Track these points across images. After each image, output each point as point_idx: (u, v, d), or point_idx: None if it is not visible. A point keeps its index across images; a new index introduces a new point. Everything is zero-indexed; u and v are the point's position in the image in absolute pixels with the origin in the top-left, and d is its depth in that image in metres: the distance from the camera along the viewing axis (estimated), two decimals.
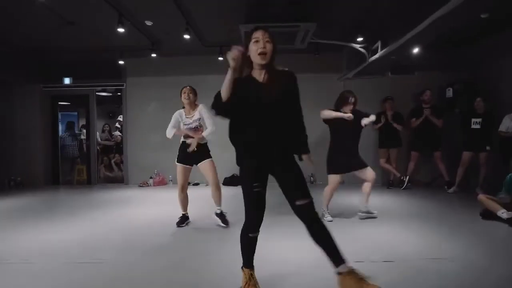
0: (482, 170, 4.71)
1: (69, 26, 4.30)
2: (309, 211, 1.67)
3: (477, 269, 2.14)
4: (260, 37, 1.64)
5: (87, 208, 4.17)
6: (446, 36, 4.61)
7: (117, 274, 2.16)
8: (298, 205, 1.67)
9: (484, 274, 2.06)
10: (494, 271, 2.09)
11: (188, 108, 3.26)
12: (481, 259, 2.28)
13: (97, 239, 2.90)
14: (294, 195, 1.69)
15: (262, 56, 1.64)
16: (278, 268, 2.17)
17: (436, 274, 2.07)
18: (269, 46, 1.65)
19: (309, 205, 1.67)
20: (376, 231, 3.01)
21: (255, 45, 1.65)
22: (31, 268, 2.27)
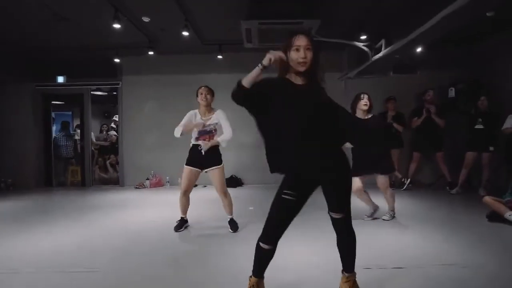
0: (485, 171, 4.65)
1: (63, 23, 4.14)
2: (342, 225, 1.69)
3: (489, 274, 2.05)
4: (301, 45, 1.57)
5: (82, 211, 4.02)
6: (449, 35, 4.54)
7: (110, 284, 2.02)
8: (333, 217, 1.69)
9: (496, 279, 1.98)
10: (506, 276, 2.01)
11: (203, 110, 3.08)
12: (492, 264, 2.20)
13: (92, 244, 2.76)
14: (331, 207, 1.68)
15: (302, 65, 1.58)
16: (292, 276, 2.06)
17: (448, 282, 1.97)
18: (309, 54, 1.58)
19: (342, 219, 1.67)
20: (382, 234, 2.92)
21: (296, 53, 1.58)
22: (18, 279, 2.13)
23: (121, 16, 3.67)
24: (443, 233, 2.91)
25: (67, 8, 3.78)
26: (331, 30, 4.43)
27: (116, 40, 4.80)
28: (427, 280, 2.00)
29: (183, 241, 2.88)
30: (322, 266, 2.20)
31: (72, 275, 2.15)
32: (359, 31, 4.41)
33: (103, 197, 4.98)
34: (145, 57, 5.31)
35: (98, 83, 6.14)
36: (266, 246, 1.62)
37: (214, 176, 3.05)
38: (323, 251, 2.45)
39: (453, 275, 2.05)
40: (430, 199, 4.42)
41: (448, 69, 5.40)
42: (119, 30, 3.89)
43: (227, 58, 5.30)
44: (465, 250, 2.48)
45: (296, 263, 2.27)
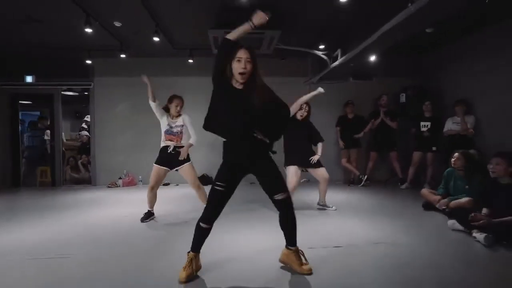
0: (429, 168, 5.23)
1: (35, 24, 4.22)
2: (286, 204, 2.01)
3: (410, 251, 2.47)
4: (242, 56, 1.84)
5: (52, 210, 4.09)
6: (399, 46, 5.08)
7: (84, 267, 2.24)
8: (276, 199, 1.98)
9: (415, 255, 2.39)
10: (425, 254, 2.43)
11: (172, 115, 3.42)
12: (414, 243, 2.63)
13: (63, 237, 2.91)
14: (271, 191, 1.99)
15: (241, 76, 1.85)
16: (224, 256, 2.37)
17: (375, 256, 2.37)
18: (249, 66, 1.85)
19: (284, 200, 1.99)
20: (331, 222, 3.31)
21: (237, 63, 1.84)
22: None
23: (92, 20, 3.83)
24: (382, 220, 3.35)
25: (39, 11, 3.87)
26: (294, 39, 4.82)
27: (88, 42, 4.90)
28: (360, 255, 2.39)
29: (151, 230, 3.11)
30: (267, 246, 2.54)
31: (45, 261, 2.33)
32: (318, 40, 4.84)
33: (74, 196, 5.03)
34: (117, 60, 5.43)
35: (69, 84, 6.15)
36: (205, 225, 1.99)
37: (185, 172, 3.35)
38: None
39: (381, 251, 2.46)
40: (382, 194, 4.91)
41: (400, 76, 6.00)
42: (91, 34, 4.03)
43: (198, 62, 5.55)
44: (396, 232, 2.91)
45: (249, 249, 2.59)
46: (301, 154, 3.64)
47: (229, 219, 3.08)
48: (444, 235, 2.85)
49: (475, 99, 4.79)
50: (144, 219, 3.35)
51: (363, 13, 3.85)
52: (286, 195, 2.00)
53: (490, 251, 2.43)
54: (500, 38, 4.36)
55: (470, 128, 4.60)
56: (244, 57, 1.84)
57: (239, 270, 2.14)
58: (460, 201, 3.35)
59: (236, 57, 1.85)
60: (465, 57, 5.04)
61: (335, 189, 5.15)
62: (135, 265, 2.27)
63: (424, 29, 4.28)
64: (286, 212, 2.02)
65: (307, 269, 2.03)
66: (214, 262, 2.23)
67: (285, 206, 2.01)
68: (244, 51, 1.85)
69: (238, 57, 1.84)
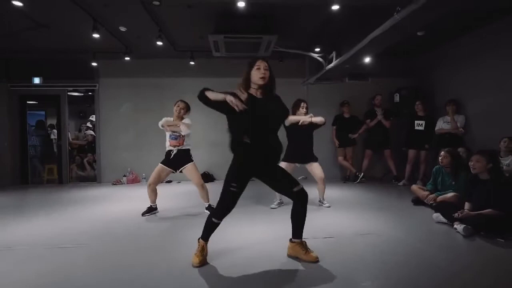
0: (422, 166, 5.43)
1: (42, 29, 4.44)
2: (304, 194, 2.22)
3: (396, 241, 2.68)
4: (261, 65, 2.13)
5: (61, 205, 4.32)
6: (393, 48, 5.27)
7: (98, 254, 2.47)
8: (296, 191, 2.20)
9: (400, 244, 2.61)
10: (409, 243, 2.65)
11: (176, 118, 3.57)
12: (401, 234, 2.85)
13: (74, 229, 3.14)
14: (289, 185, 2.22)
15: (262, 79, 2.11)
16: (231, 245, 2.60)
17: (364, 245, 2.59)
18: (267, 73, 2.14)
19: (302, 189, 2.23)
20: (324, 215, 3.53)
21: (257, 71, 2.12)
22: (13, 254, 2.51)
23: (99, 26, 4.04)
24: (371, 213, 3.57)
25: (47, 17, 4.09)
26: (291, 42, 5.03)
27: (93, 45, 5.12)
28: (349, 245, 2.60)
29: (152, 225, 3.34)
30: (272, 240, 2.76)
31: (61, 250, 2.56)
32: (314, 43, 5.04)
33: (81, 193, 5.27)
34: (121, 62, 5.65)
35: (75, 85, 6.38)
36: (217, 221, 2.23)
37: (188, 172, 3.55)
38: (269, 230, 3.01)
39: (369, 241, 2.67)
40: (376, 190, 5.11)
41: (394, 77, 6.19)
42: (97, 39, 4.25)
43: (199, 64, 5.77)
44: (384, 224, 3.13)
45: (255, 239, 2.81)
46: (294, 150, 3.76)
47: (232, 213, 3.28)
48: (429, 227, 3.07)
49: (466, 98, 4.98)
50: (145, 213, 3.55)
51: (355, 19, 4.05)
52: (301, 186, 2.23)
53: (468, 240, 2.65)
54: (489, 38, 4.54)
55: (460, 127, 4.79)
56: (262, 65, 2.13)
57: (245, 258, 2.36)
58: (446, 196, 3.55)
59: (255, 66, 2.13)
60: (455, 57, 5.22)
61: (331, 186, 5.35)
62: (146, 254, 2.50)
63: (414, 33, 4.47)
64: (303, 202, 2.22)
65: (314, 256, 2.23)
66: (221, 251, 2.45)
67: (303, 196, 2.22)
68: (261, 61, 2.15)
69: (257, 65, 2.13)
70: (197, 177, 3.54)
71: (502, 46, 4.34)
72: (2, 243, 2.75)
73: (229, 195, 2.16)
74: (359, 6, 3.71)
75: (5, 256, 2.48)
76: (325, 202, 3.99)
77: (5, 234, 3.02)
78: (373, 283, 1.98)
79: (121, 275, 2.12)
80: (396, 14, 2.81)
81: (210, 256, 2.31)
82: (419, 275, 2.06)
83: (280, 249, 2.45)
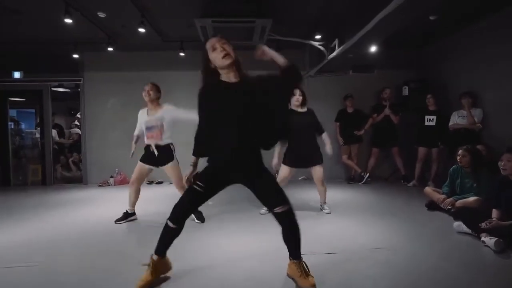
0: (434, 165, 4.96)
1: (15, 16, 4.01)
2: (288, 216, 1.78)
3: (411, 256, 2.24)
4: (216, 43, 1.73)
5: (40, 210, 3.91)
6: (401, 38, 4.81)
7: (49, 277, 2.03)
8: (276, 212, 1.77)
9: (416, 261, 2.16)
10: (426, 259, 2.20)
11: (150, 106, 3.18)
12: (416, 249, 2.39)
13: (41, 240, 2.72)
14: (270, 204, 1.81)
15: (227, 57, 1.71)
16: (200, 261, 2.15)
17: (373, 262, 2.14)
18: (227, 46, 1.73)
19: (288, 211, 1.78)
20: (325, 224, 3.08)
21: (215, 52, 1.72)
22: None
23: (72, 10, 3.60)
24: (381, 221, 3.10)
25: (17, 1, 3.66)
26: (288, 29, 4.57)
27: (73, 35, 4.69)
28: (356, 262, 2.16)
29: (131, 230, 2.91)
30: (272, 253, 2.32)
31: (11, 270, 2.13)
32: (314, 30, 4.57)
33: (65, 195, 4.86)
34: (106, 54, 5.21)
35: (58, 79, 5.96)
36: (173, 225, 1.81)
37: (168, 171, 3.15)
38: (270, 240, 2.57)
39: (380, 258, 2.22)
40: (384, 192, 4.65)
41: (402, 69, 5.71)
42: (72, 25, 3.81)
43: (189, 55, 5.31)
44: (397, 236, 2.67)
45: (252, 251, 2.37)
46: (299, 152, 3.34)
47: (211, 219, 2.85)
48: (450, 239, 2.61)
49: (483, 90, 4.50)
50: (120, 219, 3.16)
51: (358, 2, 3.58)
52: (286, 207, 1.78)
53: (500, 257, 2.19)
54: (509, 23, 4.05)
55: (477, 122, 4.32)
56: (216, 42, 1.74)
57: (221, 279, 1.92)
58: (467, 200, 3.10)
59: (210, 48, 1.75)
60: (469, 46, 4.73)
61: (334, 187, 4.91)
62: (104, 266, 2.06)
63: (425, 16, 4.00)
64: (288, 226, 1.82)
65: (311, 283, 1.80)
66: (190, 269, 2.01)
67: (287, 219, 1.80)
68: (213, 39, 1.77)
69: (211, 46, 1.75)
70: (178, 178, 3.10)
71: None
72: None
73: (189, 194, 1.82)
74: None
75: None
76: (326, 207, 3.53)
77: None
78: None
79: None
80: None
81: (175, 275, 1.88)
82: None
83: (267, 268, 2.02)
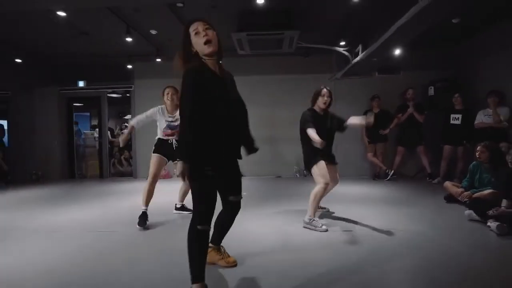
0: (460, 163, 5.07)
1: (83, 35, 4.87)
2: (239, 206, 1.89)
3: (422, 237, 2.57)
4: (198, 27, 1.57)
5: (100, 196, 4.75)
6: (429, 38, 4.99)
7: (126, 240, 2.69)
8: (232, 200, 1.83)
9: (430, 240, 2.51)
10: (434, 238, 2.53)
11: (170, 109, 3.26)
12: (427, 230, 2.72)
13: (113, 216, 3.47)
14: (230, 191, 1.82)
15: (209, 45, 1.56)
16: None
17: (394, 241, 2.51)
18: (211, 32, 1.58)
19: (239, 202, 1.88)
20: (349, 210, 3.43)
21: (197, 36, 1.57)
22: (58, 235, 2.83)
23: (132, 30, 4.34)
24: (403, 211, 3.42)
25: (87, 25, 4.48)
26: (315, 37, 4.98)
27: (128, 49, 5.51)
28: (371, 238, 2.55)
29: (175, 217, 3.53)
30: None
31: (99, 234, 2.84)
32: (339, 37, 4.93)
33: (118, 187, 5.70)
34: (153, 63, 5.99)
35: (113, 87, 6.89)
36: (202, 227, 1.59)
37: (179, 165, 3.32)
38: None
39: (398, 237, 2.58)
40: (408, 188, 4.87)
41: (429, 69, 5.84)
42: (131, 42, 4.57)
43: (225, 62, 5.89)
44: (414, 221, 3.00)
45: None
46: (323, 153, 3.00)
47: None
48: (460, 224, 2.88)
49: (510, 89, 4.56)
50: (142, 224, 2.97)
51: (380, 9, 3.90)
52: (240, 198, 1.86)
53: (502, 239, 2.45)
54: None
55: (504, 121, 4.40)
56: (199, 26, 1.59)
57: None
58: (482, 193, 3.30)
59: (192, 32, 1.59)
60: (496, 46, 4.80)
61: (360, 183, 5.22)
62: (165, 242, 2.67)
63: (448, 20, 4.20)
64: (234, 214, 1.91)
65: (232, 261, 2.01)
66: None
67: (237, 208, 1.88)
68: (196, 23, 1.60)
69: (193, 30, 1.59)
70: None
71: None
72: (51, 226, 3.12)
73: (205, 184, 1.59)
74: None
75: (51, 236, 2.82)
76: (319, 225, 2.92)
77: (56, 219, 3.42)
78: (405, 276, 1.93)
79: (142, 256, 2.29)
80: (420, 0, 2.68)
81: None
82: (447, 272, 1.96)
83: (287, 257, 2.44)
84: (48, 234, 2.88)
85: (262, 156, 1.95)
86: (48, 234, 2.89)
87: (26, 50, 5.53)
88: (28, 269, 2.14)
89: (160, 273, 2.01)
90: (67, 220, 3.35)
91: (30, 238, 2.77)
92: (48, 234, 2.89)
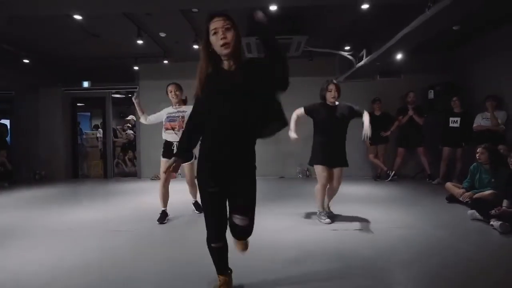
0: (458, 164, 5.25)
1: (91, 37, 4.92)
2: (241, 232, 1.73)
3: (428, 234, 2.72)
4: (217, 27, 1.51)
5: (107, 196, 4.81)
6: (427, 43, 5.15)
7: (144, 238, 2.78)
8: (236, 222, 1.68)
9: (432, 237, 2.65)
10: (441, 235, 2.68)
11: (175, 104, 3.42)
12: (429, 228, 2.87)
13: (122, 215, 3.54)
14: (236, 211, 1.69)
15: (225, 47, 1.51)
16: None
17: (391, 236, 2.67)
18: (229, 34, 1.51)
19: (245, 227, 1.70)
20: (351, 209, 3.56)
21: (215, 37, 1.52)
22: (73, 234, 2.92)
23: (142, 33, 4.42)
24: (406, 210, 3.57)
25: (99, 27, 4.54)
26: (321, 41, 5.11)
27: (136, 50, 5.56)
28: (378, 235, 2.69)
29: (187, 217, 3.62)
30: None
31: (114, 233, 2.92)
32: (343, 42, 5.08)
33: (122, 187, 5.77)
34: (159, 65, 6.06)
35: (118, 87, 6.93)
36: (214, 244, 1.67)
37: (187, 167, 3.41)
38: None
39: (400, 235, 2.72)
40: (409, 188, 5.04)
41: (429, 73, 6.02)
42: (139, 44, 4.64)
43: None
44: (416, 220, 3.15)
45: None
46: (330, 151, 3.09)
47: None
48: (462, 224, 3.04)
49: (507, 94, 4.75)
50: (161, 220, 3.24)
51: (386, 16, 4.05)
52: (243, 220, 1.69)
53: (504, 237, 2.61)
54: None
55: (501, 124, 4.58)
56: (219, 26, 1.52)
57: None
58: (483, 193, 3.45)
59: (211, 30, 1.54)
60: (495, 50, 4.98)
61: (362, 184, 5.36)
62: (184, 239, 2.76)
63: (449, 27, 4.36)
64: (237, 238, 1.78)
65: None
66: None
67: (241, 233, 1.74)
68: (217, 21, 1.52)
69: (213, 29, 1.53)
70: (192, 175, 3.38)
71: None
72: (63, 225, 3.20)
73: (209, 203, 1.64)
74: (389, 4, 3.72)
75: (67, 234, 2.90)
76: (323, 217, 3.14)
77: (64, 218, 3.49)
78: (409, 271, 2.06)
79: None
80: (428, 10, 2.82)
81: None
82: (450, 265, 2.09)
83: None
84: (65, 232, 2.97)
85: (265, 156, 2.00)
86: (65, 232, 2.97)
87: (36, 52, 5.54)
88: (58, 265, 2.23)
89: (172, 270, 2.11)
90: (84, 219, 3.43)
91: (49, 238, 2.84)
92: (65, 232, 2.97)
